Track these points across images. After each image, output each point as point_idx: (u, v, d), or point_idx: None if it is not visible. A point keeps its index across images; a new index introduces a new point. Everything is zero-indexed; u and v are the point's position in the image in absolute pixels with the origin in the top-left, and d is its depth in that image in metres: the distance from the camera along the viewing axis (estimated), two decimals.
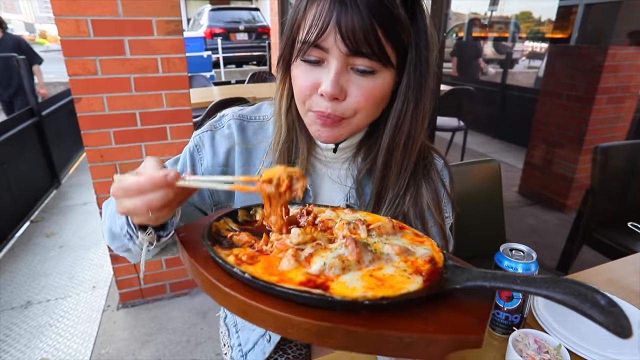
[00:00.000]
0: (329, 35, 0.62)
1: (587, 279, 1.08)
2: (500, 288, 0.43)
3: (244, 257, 0.48)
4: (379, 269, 0.46)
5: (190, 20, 11.85)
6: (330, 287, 0.42)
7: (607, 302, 0.38)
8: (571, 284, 0.41)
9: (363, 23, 0.59)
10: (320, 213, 0.63)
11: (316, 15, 0.62)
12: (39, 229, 3.19)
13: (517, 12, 7.44)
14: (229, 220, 0.61)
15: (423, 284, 0.44)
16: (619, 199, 2.09)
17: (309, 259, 0.47)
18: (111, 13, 1.74)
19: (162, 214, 0.55)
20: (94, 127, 1.89)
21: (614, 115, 3.04)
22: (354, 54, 0.62)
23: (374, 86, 0.66)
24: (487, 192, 1.69)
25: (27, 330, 2.17)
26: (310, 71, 0.67)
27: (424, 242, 0.55)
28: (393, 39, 0.64)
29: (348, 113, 0.68)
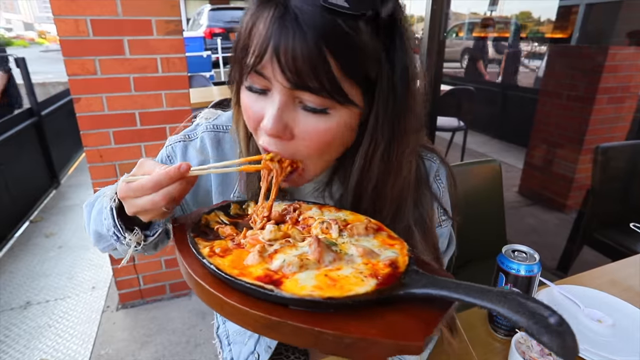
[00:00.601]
0: (268, 63, 0.50)
1: (591, 280, 1.07)
2: (446, 297, 0.42)
3: (217, 250, 0.50)
4: (337, 269, 0.47)
5: (190, 20, 11.84)
6: (283, 283, 0.43)
7: (556, 320, 0.37)
8: (522, 300, 0.40)
9: (308, 50, 0.47)
10: (307, 210, 0.63)
11: (257, 39, 0.50)
12: (38, 229, 3.18)
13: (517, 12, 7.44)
14: (220, 213, 0.62)
15: (375, 287, 0.44)
16: (619, 199, 2.09)
17: (273, 255, 0.49)
18: (110, 13, 1.73)
19: (173, 207, 0.55)
20: (94, 127, 1.88)
21: (614, 115, 3.04)
22: (298, 88, 0.50)
23: (327, 128, 0.54)
24: (487, 193, 1.68)
25: (26, 331, 2.16)
26: (255, 100, 0.56)
27: (394, 245, 0.54)
28: (353, 71, 0.51)
29: (298, 155, 0.57)
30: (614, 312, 0.91)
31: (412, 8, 4.47)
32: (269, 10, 0.49)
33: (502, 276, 0.84)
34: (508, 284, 0.83)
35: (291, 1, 0.48)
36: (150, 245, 0.66)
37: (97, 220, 0.67)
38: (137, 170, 0.56)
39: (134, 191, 0.52)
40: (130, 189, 0.53)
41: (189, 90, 2.00)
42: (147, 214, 0.56)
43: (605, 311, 0.90)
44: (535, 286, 0.84)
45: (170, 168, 0.51)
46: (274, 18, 0.48)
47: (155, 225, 0.64)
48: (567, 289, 0.98)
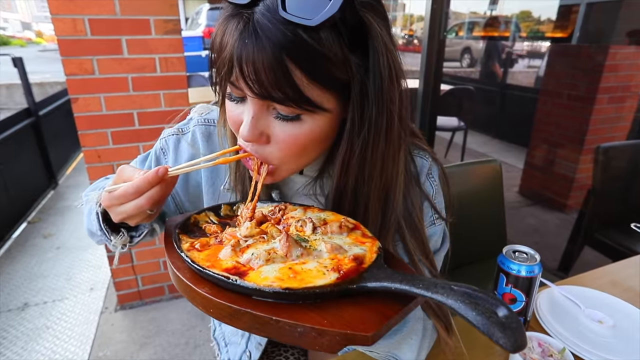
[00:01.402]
0: (236, 76, 0.51)
1: (592, 281, 1.07)
2: (402, 290, 0.43)
3: (197, 245, 0.53)
4: (302, 263, 0.49)
5: (189, 20, 11.82)
6: (247, 274, 0.46)
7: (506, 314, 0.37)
8: (470, 291, 0.40)
9: (269, 62, 0.47)
10: (292, 211, 0.64)
11: (225, 48, 0.51)
12: (36, 230, 3.17)
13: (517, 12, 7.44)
14: (210, 214, 0.64)
15: (335, 280, 0.45)
16: (620, 199, 2.09)
17: (244, 249, 0.51)
18: (108, 12, 1.72)
19: (158, 209, 0.59)
20: (91, 127, 1.87)
21: (615, 115, 3.04)
22: (264, 98, 0.51)
23: (300, 133, 0.54)
24: (488, 193, 1.68)
25: (24, 332, 2.15)
26: (235, 107, 0.58)
27: (364, 243, 0.55)
28: (320, 78, 0.50)
29: (273, 160, 0.58)
30: (614, 312, 0.90)
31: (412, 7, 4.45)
32: (234, 23, 0.50)
33: (503, 277, 0.83)
34: (509, 285, 0.83)
35: (255, 14, 0.48)
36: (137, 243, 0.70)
37: (89, 219, 0.70)
38: (117, 179, 0.57)
39: (117, 199, 0.54)
40: (113, 197, 0.55)
41: (187, 90, 1.99)
42: (133, 219, 0.58)
43: (606, 312, 0.90)
44: (536, 287, 0.83)
45: (148, 173, 0.53)
46: (237, 31, 0.49)
47: (141, 226, 0.68)
48: (567, 290, 0.97)
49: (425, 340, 0.69)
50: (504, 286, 0.83)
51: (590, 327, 0.87)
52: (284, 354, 0.98)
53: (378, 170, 0.61)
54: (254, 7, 0.49)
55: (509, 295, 0.83)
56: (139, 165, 0.83)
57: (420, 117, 2.71)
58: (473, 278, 1.58)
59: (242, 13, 0.49)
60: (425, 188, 0.74)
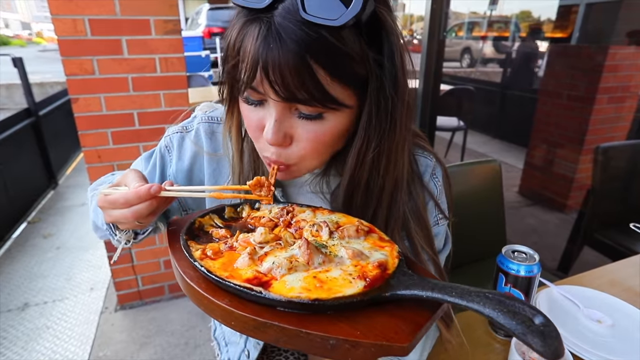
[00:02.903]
0: (260, 81, 0.51)
1: (591, 281, 1.07)
2: (434, 298, 0.42)
3: (209, 252, 0.50)
4: (325, 271, 0.47)
5: (188, 20, 11.83)
6: (271, 285, 0.44)
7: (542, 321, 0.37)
8: (505, 299, 0.40)
9: (295, 65, 0.48)
10: (300, 213, 0.63)
11: (246, 54, 0.51)
12: (36, 230, 3.17)
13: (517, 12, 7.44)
14: (214, 217, 0.63)
15: (363, 288, 0.44)
16: (620, 199, 2.09)
17: (263, 257, 0.49)
18: (109, 12, 1.72)
19: (147, 221, 0.59)
20: (92, 127, 1.87)
21: (615, 115, 3.04)
22: (289, 101, 0.52)
23: (323, 131, 0.56)
24: (487, 193, 1.68)
25: (24, 332, 2.15)
26: (253, 111, 0.58)
27: (384, 247, 0.54)
28: (342, 76, 0.52)
29: (294, 159, 0.60)
30: (613, 312, 0.91)
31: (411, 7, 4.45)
32: (254, 28, 0.50)
33: (502, 277, 0.84)
34: (508, 285, 0.83)
35: (275, 18, 0.48)
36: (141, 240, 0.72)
37: (95, 213, 0.72)
38: (121, 180, 0.60)
39: (109, 204, 0.57)
40: (105, 200, 0.57)
41: (187, 90, 1.99)
42: (121, 225, 0.61)
43: (605, 311, 0.90)
44: (535, 286, 0.83)
45: (141, 188, 0.54)
46: (260, 37, 0.49)
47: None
48: (566, 290, 0.97)
49: (428, 340, 0.70)
50: (503, 286, 0.84)
51: (589, 326, 0.88)
52: (284, 353, 0.98)
53: (392, 162, 0.62)
54: (272, 10, 0.49)
55: (507, 294, 0.83)
56: (144, 163, 0.84)
57: (420, 117, 2.71)
58: (473, 277, 1.58)
59: (261, 17, 0.49)
60: (430, 188, 0.75)
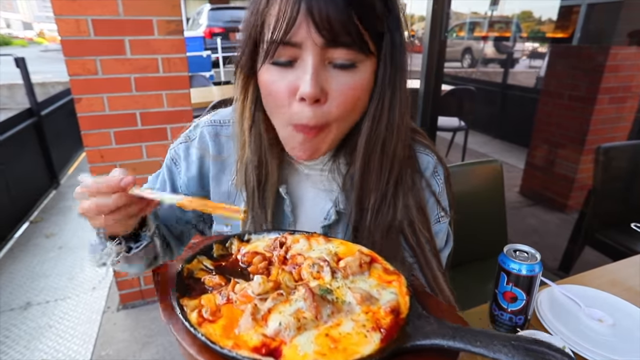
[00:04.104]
0: (300, 28, 0.55)
1: (592, 280, 1.07)
2: (457, 349, 0.41)
3: (205, 314, 0.46)
4: (336, 325, 0.45)
5: (190, 20, 11.83)
6: (282, 352, 0.41)
7: None
8: (531, 346, 0.39)
9: (338, 10, 0.53)
10: (294, 244, 0.60)
11: (282, 8, 0.55)
12: (38, 230, 3.18)
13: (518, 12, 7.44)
14: (202, 258, 0.59)
15: (380, 343, 0.42)
16: (621, 199, 2.09)
17: (267, 316, 0.45)
18: (111, 13, 1.73)
19: (118, 218, 0.58)
20: (94, 127, 1.88)
21: (616, 116, 3.04)
22: (332, 44, 0.56)
23: (356, 82, 0.60)
24: (489, 193, 1.68)
25: (26, 331, 2.16)
26: (282, 74, 0.59)
27: (391, 283, 0.52)
28: (370, 25, 0.57)
29: (330, 118, 0.61)
30: (614, 311, 0.91)
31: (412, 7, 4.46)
32: None
33: (504, 276, 0.84)
34: (510, 284, 0.83)
35: None
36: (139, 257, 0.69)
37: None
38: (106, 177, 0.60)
39: (79, 194, 0.57)
40: (79, 187, 0.57)
41: (189, 90, 2.00)
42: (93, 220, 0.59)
43: (606, 311, 0.90)
44: (537, 286, 0.84)
45: (112, 177, 0.56)
46: None
47: (142, 237, 0.68)
48: (568, 289, 0.98)
49: None
50: (505, 285, 0.84)
51: (590, 325, 0.88)
52: None
53: (405, 121, 0.67)
54: None
55: (509, 293, 0.84)
56: (151, 183, 0.85)
57: (421, 117, 2.72)
58: (474, 276, 1.59)
59: None
60: (432, 185, 0.76)
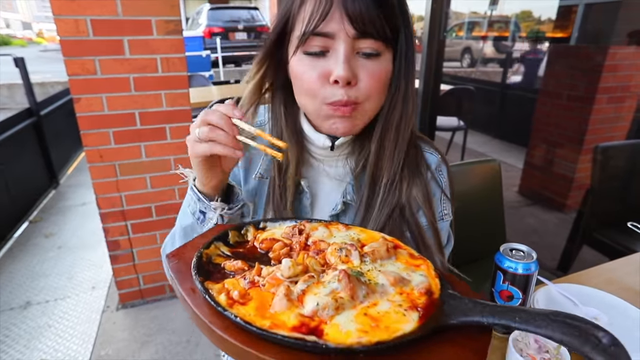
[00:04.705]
0: (333, 21, 0.63)
1: (588, 279, 1.08)
2: (497, 325, 0.41)
3: (235, 296, 0.46)
4: (373, 305, 0.45)
5: (189, 20, 11.83)
6: (324, 331, 0.41)
7: (609, 340, 0.37)
8: (571, 321, 0.39)
9: (367, 6, 0.63)
10: (313, 231, 0.61)
11: (316, 4, 0.63)
12: (37, 230, 3.18)
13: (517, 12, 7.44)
14: (219, 244, 0.59)
15: (419, 321, 0.43)
16: (619, 198, 2.10)
17: (302, 297, 0.45)
18: (110, 13, 1.74)
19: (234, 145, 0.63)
20: (94, 127, 1.88)
21: (614, 115, 3.04)
22: (362, 35, 0.65)
23: (381, 69, 0.69)
24: (487, 192, 1.69)
25: (26, 331, 2.16)
26: (314, 63, 0.67)
27: (419, 266, 0.53)
28: (390, 21, 0.67)
29: (361, 97, 0.69)
30: (610, 310, 0.91)
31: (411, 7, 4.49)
32: None
33: (500, 274, 0.85)
34: (506, 282, 0.84)
35: None
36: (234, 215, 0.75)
37: (182, 216, 0.76)
38: None
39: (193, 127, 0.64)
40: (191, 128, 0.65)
41: (188, 90, 2.01)
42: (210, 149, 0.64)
43: (602, 309, 0.91)
44: (533, 284, 0.84)
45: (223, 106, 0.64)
46: None
47: (236, 200, 0.76)
48: (564, 288, 0.98)
49: None
50: (501, 283, 0.85)
51: None
52: None
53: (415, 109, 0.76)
54: None
55: (505, 292, 0.84)
56: None
57: (420, 117, 2.72)
58: (472, 276, 1.59)
59: None
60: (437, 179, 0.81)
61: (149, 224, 2.16)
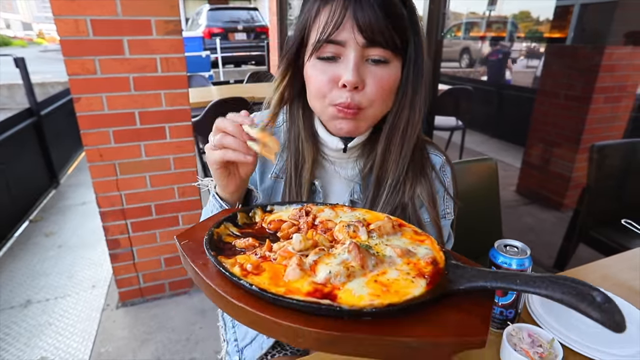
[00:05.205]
0: (345, 30, 0.68)
1: (583, 276, 1.09)
2: (500, 288, 0.44)
3: (248, 267, 0.47)
4: (382, 273, 0.47)
5: (189, 20, 11.85)
6: (337, 295, 0.43)
7: (602, 298, 0.40)
8: (569, 282, 0.42)
9: (377, 17, 0.67)
10: (319, 213, 0.63)
11: (331, 13, 0.68)
12: (38, 229, 3.19)
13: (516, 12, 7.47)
14: (229, 225, 0.61)
15: (426, 287, 0.45)
16: (614, 197, 2.11)
17: (314, 267, 0.48)
18: (110, 13, 1.75)
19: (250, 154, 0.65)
20: (93, 126, 1.89)
21: (611, 115, 3.06)
22: (371, 44, 0.69)
23: (388, 75, 0.73)
24: (484, 191, 1.70)
25: (26, 329, 2.17)
26: (326, 67, 0.72)
27: (424, 241, 0.56)
28: (399, 31, 0.71)
29: (365, 102, 0.73)
30: None
31: None
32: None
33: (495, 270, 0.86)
34: None
35: None
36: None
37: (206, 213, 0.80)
38: None
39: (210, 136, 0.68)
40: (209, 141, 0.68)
41: (188, 90, 2.02)
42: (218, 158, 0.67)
43: None
44: None
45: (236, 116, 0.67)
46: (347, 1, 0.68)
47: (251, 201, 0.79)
48: None
49: None
50: None
51: (581, 318, 0.89)
52: None
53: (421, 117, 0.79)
54: None
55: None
56: None
57: None
58: None
59: None
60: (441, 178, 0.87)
61: (149, 223, 2.18)
